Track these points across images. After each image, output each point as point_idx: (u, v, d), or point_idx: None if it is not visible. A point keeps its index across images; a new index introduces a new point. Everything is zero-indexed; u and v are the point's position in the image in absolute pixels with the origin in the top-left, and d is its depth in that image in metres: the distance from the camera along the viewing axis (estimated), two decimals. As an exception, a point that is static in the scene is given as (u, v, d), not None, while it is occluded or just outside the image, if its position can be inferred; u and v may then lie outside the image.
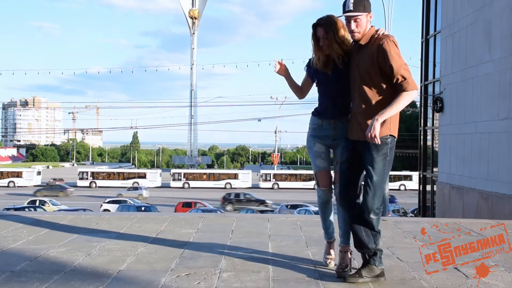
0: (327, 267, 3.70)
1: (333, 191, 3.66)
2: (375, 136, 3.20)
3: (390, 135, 3.37)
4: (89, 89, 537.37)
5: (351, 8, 3.32)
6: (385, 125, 3.32)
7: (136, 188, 52.51)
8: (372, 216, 3.37)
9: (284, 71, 3.68)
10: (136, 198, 45.88)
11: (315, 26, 3.50)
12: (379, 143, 3.23)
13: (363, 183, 3.54)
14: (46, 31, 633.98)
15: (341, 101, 3.56)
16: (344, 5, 3.37)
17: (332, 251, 3.77)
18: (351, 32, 3.38)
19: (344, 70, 3.51)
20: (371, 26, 3.43)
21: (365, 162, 3.39)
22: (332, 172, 3.70)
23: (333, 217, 3.80)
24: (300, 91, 3.76)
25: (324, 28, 3.45)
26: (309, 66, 3.67)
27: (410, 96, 3.29)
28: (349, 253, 3.60)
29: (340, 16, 3.41)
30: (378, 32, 3.40)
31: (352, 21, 3.34)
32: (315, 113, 3.66)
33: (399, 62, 3.27)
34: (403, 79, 3.26)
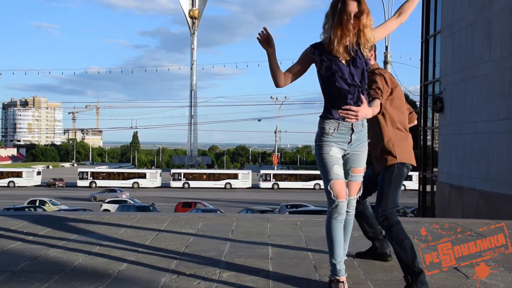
0: None
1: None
2: (358, 119, 3.00)
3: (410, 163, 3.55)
4: (89, 89, 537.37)
5: None
6: (404, 155, 3.52)
7: (113, 191, 50.12)
8: (380, 220, 3.33)
9: (269, 42, 3.00)
10: None
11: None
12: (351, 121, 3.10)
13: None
14: (45, 31, 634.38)
15: (360, 95, 2.99)
16: None
17: None
18: None
19: (361, 62, 3.00)
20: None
21: (380, 176, 3.53)
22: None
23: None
24: (282, 75, 3.04)
25: (360, 6, 2.90)
26: (318, 47, 3.01)
27: (376, 105, 3.23)
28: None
29: None
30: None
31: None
32: (329, 114, 3.03)
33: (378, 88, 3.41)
34: (377, 94, 3.37)
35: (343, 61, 2.99)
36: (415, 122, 3.96)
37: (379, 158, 3.55)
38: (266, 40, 3.00)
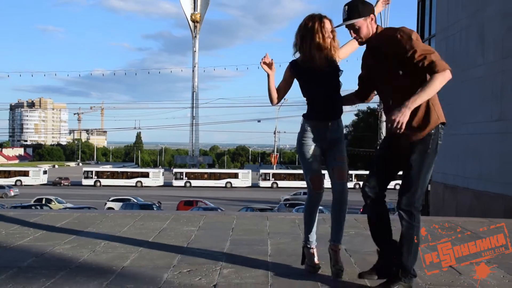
0: (316, 272, 3.46)
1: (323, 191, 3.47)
2: (402, 123, 2.86)
3: (438, 125, 3.13)
4: (94, 91, 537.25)
5: (346, 16, 3.12)
6: (425, 117, 3.06)
7: (1, 187, 49.01)
8: (401, 212, 3.08)
9: (271, 66, 3.38)
10: (0, 197, 44.53)
11: (324, 18, 3.33)
12: (402, 131, 2.89)
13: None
14: (50, 34, 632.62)
15: (335, 100, 3.41)
16: (342, 14, 3.16)
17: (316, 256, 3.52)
18: (355, 39, 3.22)
19: (334, 69, 3.39)
20: (377, 26, 3.18)
21: (406, 156, 3.08)
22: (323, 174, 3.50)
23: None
24: (276, 94, 3.45)
25: (331, 23, 3.35)
26: (295, 65, 3.42)
27: (443, 77, 2.99)
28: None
29: (339, 26, 3.23)
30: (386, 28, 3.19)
31: (351, 30, 3.16)
32: (309, 116, 3.43)
33: (421, 46, 2.99)
34: (429, 62, 2.95)
35: (319, 70, 3.35)
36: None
37: (413, 126, 3.03)
38: (269, 65, 3.38)
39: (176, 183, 63.36)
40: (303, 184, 60.07)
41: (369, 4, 3.18)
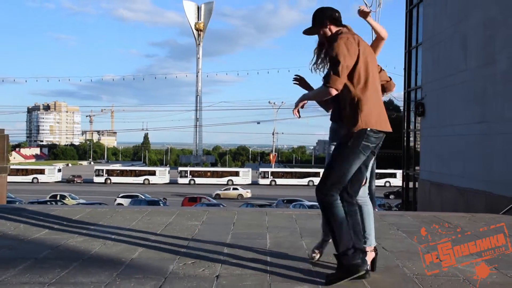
0: (313, 260, 3.51)
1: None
2: (293, 110, 3.20)
3: (363, 129, 2.94)
4: (104, 95, 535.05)
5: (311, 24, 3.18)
6: (350, 119, 2.97)
7: None
8: (317, 199, 3.02)
9: (304, 83, 3.48)
10: None
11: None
12: (297, 116, 3.23)
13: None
14: (64, 42, 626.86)
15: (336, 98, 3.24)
16: None
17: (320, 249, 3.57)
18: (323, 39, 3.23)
19: None
20: (340, 29, 3.09)
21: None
22: None
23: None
24: (325, 104, 3.50)
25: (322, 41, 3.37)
26: None
27: (322, 90, 2.94)
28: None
29: (305, 32, 3.22)
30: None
31: (316, 34, 3.20)
32: (330, 117, 3.52)
33: (332, 54, 2.89)
34: (326, 72, 2.96)
35: None
36: (392, 90, 3.52)
37: (345, 125, 3.02)
38: (300, 80, 3.51)
39: (181, 180, 63.36)
40: (299, 181, 60.14)
41: (327, 9, 3.14)
